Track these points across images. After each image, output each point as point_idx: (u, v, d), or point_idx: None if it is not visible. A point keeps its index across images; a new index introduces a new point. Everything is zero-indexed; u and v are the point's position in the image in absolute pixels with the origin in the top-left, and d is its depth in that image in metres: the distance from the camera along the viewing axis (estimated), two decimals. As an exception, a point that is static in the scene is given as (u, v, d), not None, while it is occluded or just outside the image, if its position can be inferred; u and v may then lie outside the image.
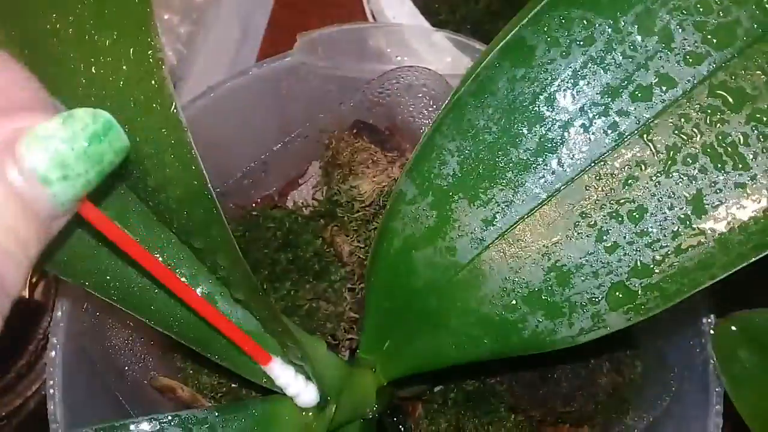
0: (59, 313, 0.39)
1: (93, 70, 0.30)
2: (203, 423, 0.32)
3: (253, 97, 0.46)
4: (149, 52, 0.28)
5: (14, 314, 0.54)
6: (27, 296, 0.61)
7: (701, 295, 0.40)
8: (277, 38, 0.80)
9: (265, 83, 0.46)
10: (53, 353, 0.39)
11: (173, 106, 0.29)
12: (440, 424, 0.38)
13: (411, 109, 0.43)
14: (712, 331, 0.40)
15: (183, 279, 0.32)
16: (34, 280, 0.63)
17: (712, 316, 0.41)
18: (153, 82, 0.29)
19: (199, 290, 0.33)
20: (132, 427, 0.31)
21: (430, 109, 0.43)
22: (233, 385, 0.39)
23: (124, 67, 0.29)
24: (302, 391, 0.31)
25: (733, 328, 0.39)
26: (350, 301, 0.41)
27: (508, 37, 0.30)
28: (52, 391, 0.38)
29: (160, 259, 0.32)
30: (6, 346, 0.55)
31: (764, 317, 0.39)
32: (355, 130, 0.42)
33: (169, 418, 0.32)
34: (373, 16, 0.56)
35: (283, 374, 0.31)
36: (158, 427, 0.31)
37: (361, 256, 0.41)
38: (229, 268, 0.30)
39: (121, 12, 0.29)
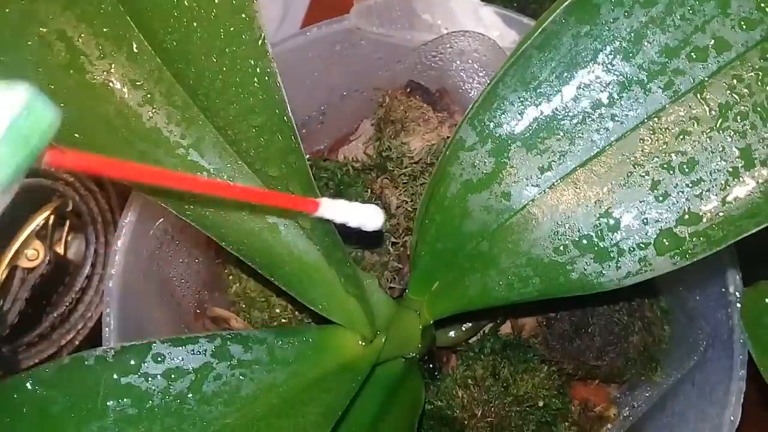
0: (118, 244, 0.41)
1: (186, 3, 0.32)
2: (262, 342, 0.34)
3: (308, 56, 0.48)
4: (242, -14, 0.30)
5: (50, 270, 0.56)
6: (62, 253, 0.63)
7: (730, 264, 0.42)
8: (318, 17, 0.82)
9: (321, 44, 0.48)
10: (110, 283, 0.41)
11: (262, 38, 0.31)
12: (476, 369, 0.40)
13: (462, 73, 0.45)
14: (738, 301, 0.42)
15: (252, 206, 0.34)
16: (69, 238, 0.65)
17: (740, 284, 0.42)
18: (244, 15, 0.31)
19: (267, 219, 0.35)
20: (201, 340, 0.33)
21: (480, 74, 0.45)
22: (283, 321, 0.41)
23: (217, 1, 0.31)
24: (366, 213, 0.28)
25: (760, 296, 0.41)
26: (393, 253, 0.43)
27: (575, -5, 0.32)
28: (108, 318, 0.40)
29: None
30: (41, 300, 0.57)
31: (791, 287, 0.40)
32: (408, 89, 0.44)
33: (231, 336, 0.34)
34: (422, -7, 0.58)
35: (338, 208, 0.27)
36: (220, 342, 0.33)
37: (408, 209, 0.42)
38: (303, 194, 0.32)
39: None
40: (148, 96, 0.34)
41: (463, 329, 0.42)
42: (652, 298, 0.42)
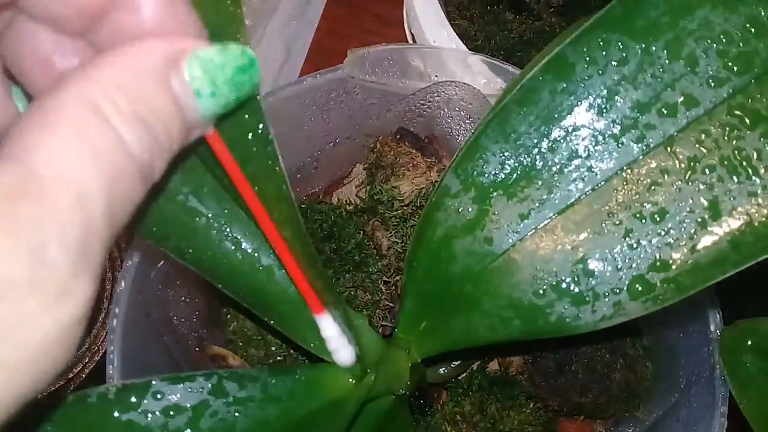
0: (122, 284, 0.43)
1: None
2: (256, 380, 0.35)
3: (305, 103, 0.50)
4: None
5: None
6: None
7: (711, 304, 0.44)
8: (319, 60, 0.85)
9: (317, 92, 0.50)
10: (114, 321, 0.42)
11: (255, 94, 0.33)
12: (464, 405, 0.41)
13: (449, 120, 0.48)
14: (719, 339, 0.43)
15: (248, 250, 0.36)
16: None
17: (720, 323, 0.44)
18: (241, 72, 0.33)
19: (263, 262, 0.36)
20: (198, 378, 0.34)
21: (466, 121, 0.47)
22: (279, 358, 0.42)
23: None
24: (343, 348, 0.35)
25: (739, 334, 0.43)
26: (386, 292, 0.45)
27: (552, 54, 0.34)
28: (112, 356, 0.42)
29: (228, 231, 0.36)
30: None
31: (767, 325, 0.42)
32: (398, 136, 0.46)
33: (227, 374, 0.35)
34: (414, 40, 0.60)
35: (330, 328, 0.34)
36: (216, 380, 0.35)
37: (399, 250, 0.44)
38: (292, 241, 0.34)
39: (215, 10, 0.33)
40: (151, 145, 0.36)
41: (453, 366, 0.44)
42: (634, 337, 0.44)
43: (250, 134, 0.33)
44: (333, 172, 0.50)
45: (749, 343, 0.42)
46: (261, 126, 0.33)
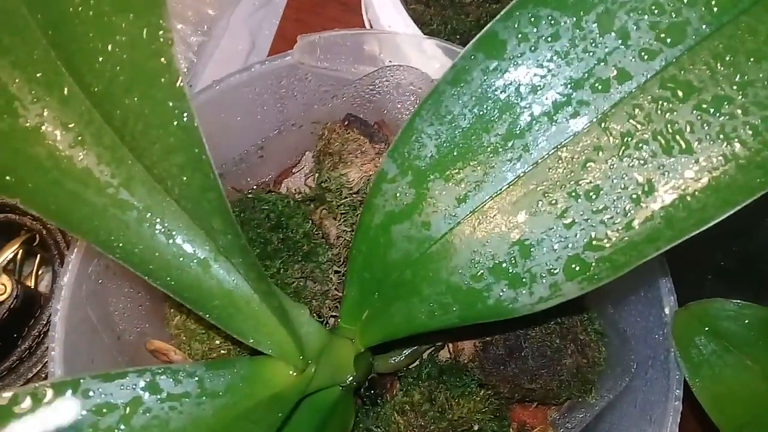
0: (64, 280, 0.42)
1: (109, 48, 0.33)
2: (192, 375, 0.35)
3: (255, 91, 0.49)
4: (160, 32, 0.32)
5: (18, 303, 0.57)
6: (33, 287, 0.64)
7: (665, 287, 0.44)
8: (284, 49, 0.84)
9: (266, 80, 0.49)
10: (56, 318, 0.42)
11: (179, 81, 0.32)
12: (414, 395, 0.41)
13: (398, 105, 0.47)
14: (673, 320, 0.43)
15: (182, 243, 0.35)
16: (40, 272, 0.66)
17: (674, 306, 0.43)
18: (162, 59, 0.32)
19: (196, 255, 0.36)
20: (130, 375, 0.33)
21: (416, 106, 0.46)
22: (222, 352, 0.42)
23: (137, 46, 0.32)
24: None
25: (691, 317, 0.42)
26: (335, 282, 0.44)
27: (482, 31, 0.33)
28: (54, 353, 0.41)
29: (161, 223, 0.35)
30: (11, 333, 0.59)
31: (718, 307, 0.41)
32: (346, 123, 0.45)
33: (161, 370, 0.34)
34: (371, 25, 0.59)
35: None
36: (150, 378, 0.34)
37: (347, 239, 0.44)
38: (223, 231, 0.33)
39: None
40: (79, 138, 0.35)
41: (404, 355, 0.43)
42: (586, 321, 0.43)
43: (175, 122, 0.32)
44: (283, 161, 0.49)
45: (701, 325, 0.42)
46: (185, 115, 0.32)
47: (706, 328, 0.42)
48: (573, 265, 0.32)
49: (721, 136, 0.30)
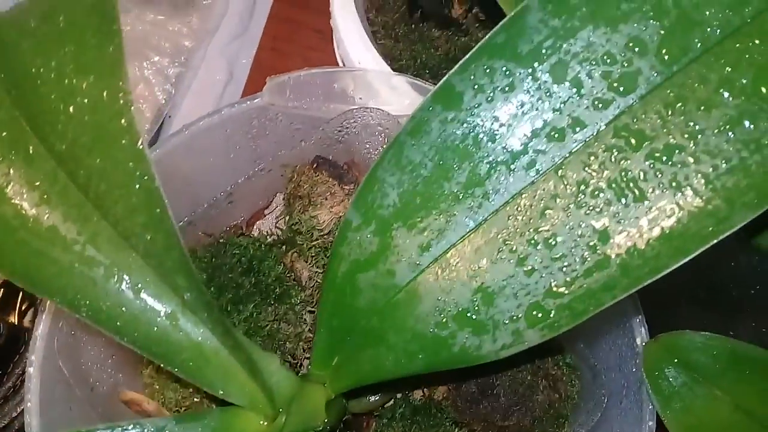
0: (38, 331, 0.42)
1: (71, 110, 0.34)
2: (161, 429, 0.35)
3: (225, 134, 0.49)
4: (120, 95, 0.32)
5: (3, 339, 0.57)
6: (16, 322, 0.64)
7: (636, 318, 0.44)
8: (261, 79, 0.85)
9: (235, 122, 0.49)
10: (31, 369, 0.42)
11: (139, 142, 0.32)
12: (388, 436, 0.41)
13: (367, 146, 0.47)
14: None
15: (149, 297, 0.35)
16: (23, 307, 0.66)
17: (646, 336, 0.44)
18: (122, 121, 0.32)
19: (163, 309, 0.36)
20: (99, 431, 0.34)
21: (384, 146, 0.47)
22: (195, 400, 0.42)
23: (99, 107, 0.33)
24: None
25: (661, 348, 0.43)
26: (309, 323, 0.44)
27: (439, 84, 0.34)
28: (29, 404, 0.41)
29: (128, 278, 0.35)
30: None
31: (687, 338, 0.42)
32: (315, 165, 0.45)
33: (131, 426, 0.35)
34: (342, 61, 0.60)
35: None
36: (120, 432, 0.34)
37: (319, 281, 0.44)
38: (187, 288, 0.34)
39: (98, 59, 0.33)
40: (45, 196, 0.35)
41: (379, 395, 0.43)
42: (557, 356, 0.43)
43: (137, 184, 0.33)
44: (254, 202, 0.50)
45: (671, 356, 0.42)
46: (146, 177, 0.32)
47: (676, 360, 0.42)
48: (534, 312, 0.33)
49: (674, 185, 0.31)
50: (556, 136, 0.33)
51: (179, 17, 0.87)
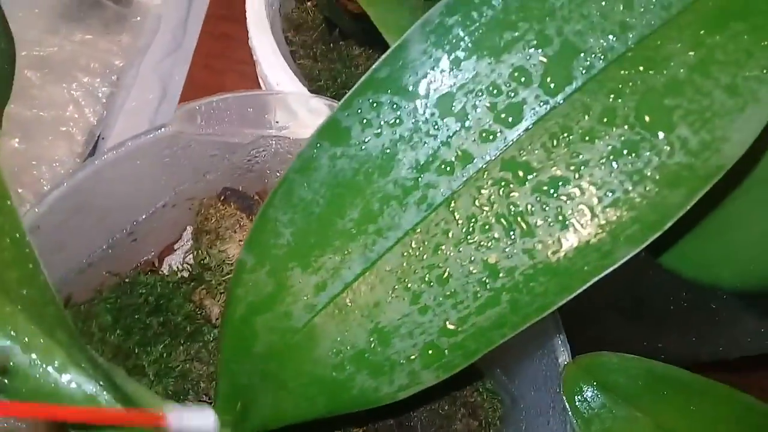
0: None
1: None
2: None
3: (135, 166, 0.48)
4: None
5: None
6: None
7: (559, 337, 0.44)
8: (194, 97, 0.83)
9: (147, 152, 0.48)
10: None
11: (9, 200, 0.31)
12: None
13: (278, 174, 0.46)
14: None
15: (35, 351, 0.34)
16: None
17: (569, 356, 0.43)
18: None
19: (54, 363, 0.35)
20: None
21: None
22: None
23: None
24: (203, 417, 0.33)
25: (580, 370, 0.42)
26: (222, 361, 0.43)
27: (325, 120, 0.33)
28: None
29: (13, 333, 0.34)
30: None
31: (604, 360, 0.41)
32: (222, 197, 0.44)
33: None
34: (263, 82, 0.59)
35: (182, 417, 0.32)
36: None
37: (230, 317, 0.43)
38: (68, 344, 0.32)
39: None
40: None
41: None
42: (477, 382, 0.43)
43: (7, 239, 0.31)
44: (164, 237, 0.48)
45: (590, 378, 0.42)
46: (18, 234, 0.31)
47: (595, 382, 0.42)
48: (429, 352, 0.32)
49: (560, 218, 0.30)
50: (447, 169, 0.32)
51: (109, 36, 0.85)
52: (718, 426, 0.41)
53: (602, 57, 0.31)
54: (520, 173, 0.31)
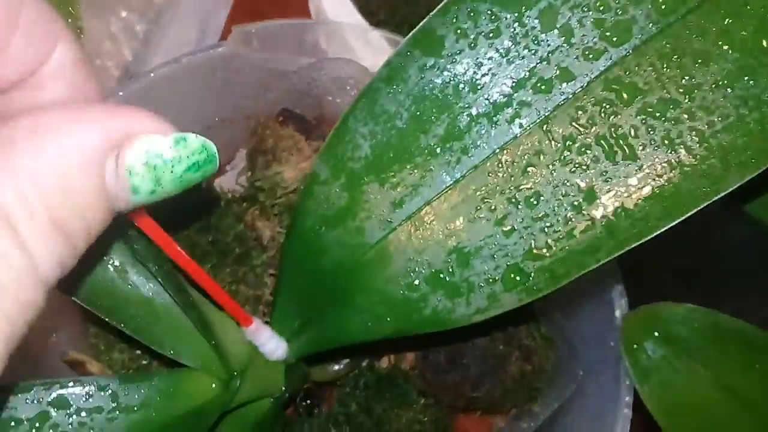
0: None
1: None
2: (104, 389, 0.32)
3: (186, 83, 0.46)
4: None
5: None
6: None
7: (617, 291, 0.42)
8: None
9: (197, 71, 0.46)
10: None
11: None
12: (351, 406, 0.39)
13: (338, 101, 0.44)
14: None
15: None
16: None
17: (626, 309, 0.42)
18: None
19: (114, 261, 0.33)
20: (36, 388, 0.31)
21: (354, 102, 0.44)
22: (144, 362, 0.39)
23: None
24: (276, 346, 0.34)
25: (641, 321, 0.41)
26: (270, 286, 0.42)
27: (418, 26, 0.31)
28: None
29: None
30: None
31: (669, 310, 0.40)
32: (281, 118, 0.42)
33: (71, 383, 0.32)
34: (316, 15, 0.57)
35: (262, 334, 0.34)
36: (58, 391, 0.31)
37: (282, 241, 0.41)
38: (137, 238, 0.31)
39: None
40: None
41: (343, 364, 0.41)
42: (532, 327, 0.41)
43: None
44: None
45: (650, 329, 0.41)
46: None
47: (656, 333, 0.41)
48: (512, 275, 0.31)
49: (666, 142, 0.29)
50: (543, 87, 0.31)
51: (150, -29, 0.83)
52: (779, 387, 0.40)
53: (720, -22, 0.29)
54: (625, 95, 0.30)
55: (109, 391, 0.32)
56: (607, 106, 0.30)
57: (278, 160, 0.41)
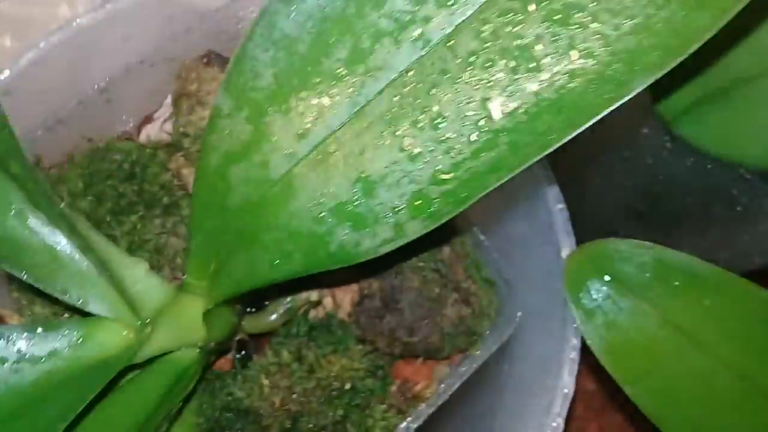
0: None
1: None
2: (7, 340, 0.31)
3: (115, 28, 0.44)
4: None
5: None
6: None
7: (563, 229, 0.40)
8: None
9: (123, 16, 0.44)
10: None
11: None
12: (282, 354, 0.38)
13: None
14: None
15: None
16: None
17: (573, 247, 0.40)
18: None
19: (13, 203, 0.32)
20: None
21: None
22: (66, 316, 0.38)
23: None
24: None
25: (584, 258, 0.39)
26: (197, 235, 0.40)
27: (316, -59, 0.29)
28: None
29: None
30: None
31: (612, 247, 0.38)
32: (205, 60, 0.41)
33: (-29, 334, 0.31)
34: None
35: None
36: (-42, 343, 0.30)
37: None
38: (23, 177, 0.29)
39: None
40: None
41: (277, 314, 0.39)
42: (471, 268, 0.40)
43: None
44: (141, 106, 0.44)
45: (594, 267, 0.38)
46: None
47: (600, 271, 0.39)
48: (417, 202, 0.29)
49: (570, 50, 0.27)
50: (448, 1, 0.29)
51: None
52: (730, 323, 0.38)
53: None
54: (531, 3, 0.28)
55: (13, 341, 0.31)
56: (512, 15, 0.28)
57: (203, 103, 0.40)
